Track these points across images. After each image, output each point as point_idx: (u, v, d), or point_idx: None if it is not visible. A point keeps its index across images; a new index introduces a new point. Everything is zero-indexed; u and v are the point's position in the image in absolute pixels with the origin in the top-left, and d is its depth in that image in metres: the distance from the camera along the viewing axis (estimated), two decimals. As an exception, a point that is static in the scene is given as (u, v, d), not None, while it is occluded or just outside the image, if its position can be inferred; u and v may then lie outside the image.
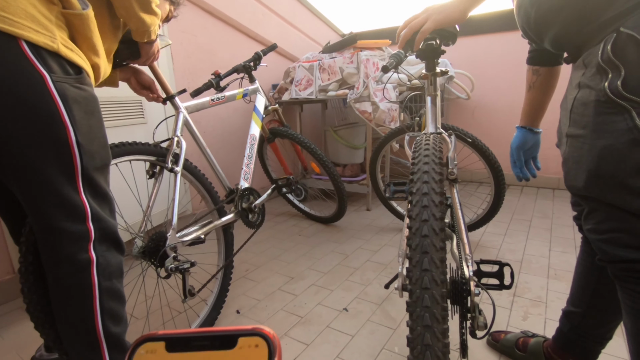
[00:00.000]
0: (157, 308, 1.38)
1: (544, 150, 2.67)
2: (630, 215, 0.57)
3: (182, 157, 1.20)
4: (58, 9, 0.68)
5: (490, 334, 1.11)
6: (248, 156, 1.58)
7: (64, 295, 0.72)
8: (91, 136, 0.72)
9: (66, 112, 0.67)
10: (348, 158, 2.65)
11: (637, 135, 0.54)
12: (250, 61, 1.72)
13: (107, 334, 0.76)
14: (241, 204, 1.46)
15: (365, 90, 2.08)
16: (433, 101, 0.93)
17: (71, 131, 0.68)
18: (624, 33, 0.55)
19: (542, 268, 1.53)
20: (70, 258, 0.71)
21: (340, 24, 3.39)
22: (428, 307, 0.47)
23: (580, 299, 0.88)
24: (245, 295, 1.46)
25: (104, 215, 0.76)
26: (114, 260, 0.78)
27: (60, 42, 0.68)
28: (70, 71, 0.70)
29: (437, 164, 0.60)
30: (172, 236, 1.11)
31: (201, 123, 2.23)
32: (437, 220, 0.52)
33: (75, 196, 0.71)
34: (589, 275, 0.86)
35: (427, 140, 0.68)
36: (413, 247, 0.51)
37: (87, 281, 0.73)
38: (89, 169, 0.72)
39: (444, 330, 0.46)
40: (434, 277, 0.48)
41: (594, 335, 0.86)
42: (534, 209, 2.26)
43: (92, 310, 0.73)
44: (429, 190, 0.55)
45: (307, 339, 1.18)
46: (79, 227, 0.71)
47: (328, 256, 1.77)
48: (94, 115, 0.74)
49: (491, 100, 2.78)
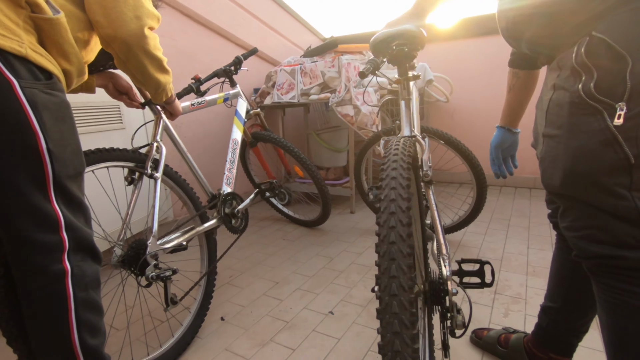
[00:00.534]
0: (138, 318, 1.35)
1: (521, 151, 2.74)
2: (603, 212, 0.60)
3: (162, 163, 1.18)
4: (26, 13, 0.66)
5: (473, 332, 1.13)
6: (230, 161, 1.56)
7: (37, 308, 0.69)
8: (63, 143, 0.70)
9: (36, 118, 0.65)
10: (331, 161, 2.66)
11: (609, 135, 0.56)
12: (231, 65, 1.71)
13: (84, 347, 0.73)
14: (224, 209, 1.44)
15: (347, 94, 2.10)
16: (407, 105, 0.96)
17: (41, 138, 0.65)
18: (596, 37, 0.57)
19: (521, 265, 1.57)
20: (43, 269, 0.68)
21: (321, 28, 3.42)
22: (396, 313, 0.47)
23: (556, 294, 0.91)
24: (230, 302, 1.44)
25: (79, 224, 0.73)
26: (90, 270, 0.75)
27: (29, 46, 0.65)
28: (40, 76, 0.67)
29: (405, 169, 0.61)
30: (152, 244, 1.09)
31: (182, 128, 2.20)
32: (405, 227, 0.52)
33: (47, 205, 0.68)
34: (564, 271, 0.89)
35: (396, 145, 0.69)
36: (381, 255, 0.52)
37: (61, 293, 0.70)
38: (61, 177, 0.69)
39: (413, 336, 0.47)
40: (401, 283, 0.49)
41: (571, 328, 0.89)
42: (512, 208, 2.32)
43: (68, 322, 0.71)
44: (396, 196, 0.56)
45: (293, 343, 1.17)
46: (52, 237, 0.69)
47: (313, 260, 1.77)
48: (65, 121, 0.71)
49: (470, 103, 2.85)
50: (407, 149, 0.68)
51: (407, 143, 0.70)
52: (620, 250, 0.59)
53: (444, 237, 0.86)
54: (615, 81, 0.55)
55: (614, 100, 0.55)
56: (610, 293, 0.62)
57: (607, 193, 0.58)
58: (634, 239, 0.58)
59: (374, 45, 0.89)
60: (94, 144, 1.59)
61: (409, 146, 0.69)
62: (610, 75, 0.56)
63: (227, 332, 1.25)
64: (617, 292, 0.61)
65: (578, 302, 0.87)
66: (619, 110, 0.55)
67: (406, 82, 0.95)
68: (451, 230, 1.89)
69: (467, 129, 2.87)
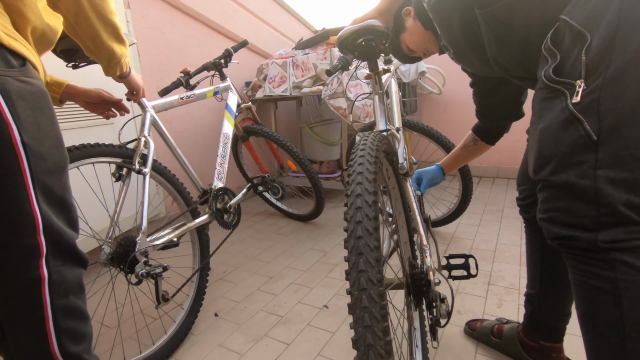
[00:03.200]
0: (130, 316, 1.33)
1: (515, 142, 2.77)
2: (566, 193, 0.58)
3: (151, 158, 1.16)
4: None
5: (466, 323, 1.13)
6: (221, 155, 1.54)
7: (13, 315, 0.65)
8: (40, 135, 0.64)
9: (8, 108, 0.58)
10: (324, 155, 2.64)
11: (569, 115, 0.55)
12: (221, 58, 1.68)
13: (65, 355, 0.69)
14: (215, 204, 1.42)
15: (339, 87, 2.08)
16: (380, 99, 0.96)
17: (14, 130, 0.59)
18: (562, 19, 0.57)
19: (515, 256, 1.58)
20: (18, 275, 0.63)
21: (312, 20, 3.38)
22: (366, 307, 0.47)
23: (534, 279, 0.93)
24: (224, 298, 1.43)
25: (59, 226, 0.67)
26: (71, 275, 0.70)
27: (1, 29, 0.59)
28: (14, 63, 0.61)
29: (371, 163, 0.61)
30: (142, 240, 1.07)
31: (172, 123, 2.16)
32: (371, 220, 0.53)
33: (25, 205, 0.62)
34: (535, 256, 0.92)
35: (364, 140, 0.68)
36: (349, 250, 0.52)
37: (37, 301, 0.65)
38: (38, 173, 0.63)
39: (384, 328, 0.47)
40: (369, 277, 0.49)
41: (553, 313, 0.91)
42: (505, 199, 2.33)
43: (45, 331, 0.66)
44: (362, 191, 0.56)
45: (287, 338, 1.17)
46: (27, 241, 0.63)
47: (307, 254, 1.76)
48: (43, 112, 0.65)
49: (462, 94, 2.84)
50: (375, 143, 0.67)
51: (376, 137, 0.70)
52: (574, 231, 0.58)
53: (424, 229, 0.88)
54: (575, 60, 0.55)
55: (574, 79, 0.55)
56: (573, 274, 0.62)
57: (571, 173, 0.57)
58: (588, 220, 0.56)
59: (340, 43, 0.91)
60: (81, 140, 1.56)
61: (378, 140, 0.69)
62: (571, 55, 0.56)
63: (221, 328, 1.24)
64: (577, 273, 0.60)
65: (553, 286, 0.89)
66: (577, 88, 0.54)
67: (377, 77, 0.96)
68: (442, 223, 1.90)
69: (460, 121, 2.86)
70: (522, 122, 1.05)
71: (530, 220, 0.92)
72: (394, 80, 1.33)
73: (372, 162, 0.61)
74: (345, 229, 0.55)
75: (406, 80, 2.42)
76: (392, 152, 0.86)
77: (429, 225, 1.08)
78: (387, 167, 0.88)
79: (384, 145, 0.75)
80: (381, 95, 0.96)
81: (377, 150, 0.65)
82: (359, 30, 0.86)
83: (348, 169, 0.62)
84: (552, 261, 0.88)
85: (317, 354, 1.08)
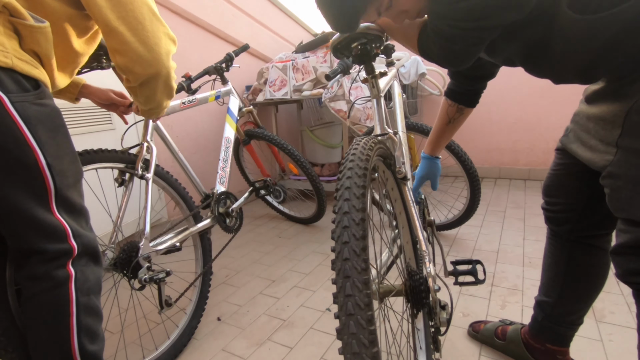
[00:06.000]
0: (133, 321, 1.33)
1: (516, 143, 2.77)
2: None
3: (153, 163, 1.16)
4: (5, 17, 0.62)
5: (470, 325, 1.13)
6: (223, 159, 1.54)
7: (39, 312, 0.69)
8: (60, 154, 0.69)
9: (31, 134, 0.63)
10: (325, 157, 2.64)
11: None
12: (222, 62, 1.68)
13: (82, 353, 0.72)
14: (218, 208, 1.43)
15: (339, 89, 2.08)
16: (378, 102, 0.95)
17: (39, 154, 0.65)
18: None
19: (518, 257, 1.58)
20: (48, 274, 0.68)
21: (312, 24, 3.39)
22: (354, 334, 0.46)
23: (550, 289, 0.91)
24: (226, 302, 1.43)
25: (83, 231, 0.74)
26: (92, 276, 0.75)
27: (14, 54, 0.63)
28: (28, 86, 0.65)
29: (360, 177, 0.58)
30: (144, 246, 1.07)
31: (173, 127, 2.17)
32: (359, 240, 0.50)
33: (50, 217, 0.68)
34: (558, 266, 0.88)
35: (354, 149, 0.64)
36: (337, 272, 0.50)
37: (64, 297, 0.70)
38: (62, 189, 0.69)
39: (373, 354, 0.45)
40: (357, 302, 0.47)
41: (566, 322, 0.89)
42: (508, 199, 2.33)
43: (68, 327, 0.70)
44: (350, 208, 0.53)
45: (290, 342, 1.16)
46: (62, 246, 0.69)
47: (309, 257, 1.76)
48: (59, 131, 0.70)
49: (463, 96, 2.84)
50: (365, 152, 0.64)
51: (367, 145, 0.66)
52: None
53: (428, 234, 0.85)
54: None
55: None
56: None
57: None
58: None
59: (333, 47, 0.89)
60: (84, 145, 1.57)
61: (368, 148, 0.66)
62: None
63: (223, 333, 1.24)
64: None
65: (573, 298, 0.87)
66: None
67: (374, 80, 0.95)
68: (449, 227, 1.87)
69: (461, 122, 2.86)
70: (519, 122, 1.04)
71: (559, 233, 0.87)
72: (396, 83, 1.32)
73: (362, 175, 0.58)
74: (332, 248, 0.53)
75: (406, 82, 2.42)
76: (389, 156, 0.84)
77: (433, 229, 1.07)
78: (386, 171, 0.86)
79: (379, 149, 0.73)
80: (379, 98, 0.95)
81: (366, 161, 0.62)
82: (352, 34, 0.84)
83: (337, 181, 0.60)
84: (578, 276, 0.85)
85: (320, 358, 1.08)
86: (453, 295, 1.33)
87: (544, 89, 2.49)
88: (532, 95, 2.54)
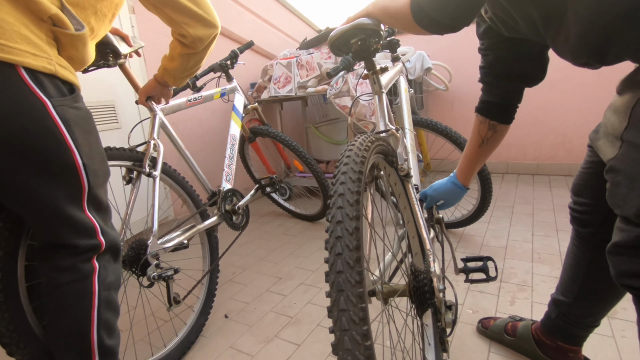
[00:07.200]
0: (142, 319, 1.34)
1: (523, 137, 2.74)
2: None
3: (160, 161, 1.16)
4: (47, 26, 0.66)
5: (479, 321, 1.12)
6: (229, 157, 1.54)
7: (62, 302, 0.71)
8: (92, 154, 0.73)
9: (70, 136, 0.67)
10: (331, 154, 2.64)
11: None
12: (227, 59, 1.68)
13: (100, 346, 0.74)
14: (224, 206, 1.43)
15: (344, 85, 2.07)
16: (380, 99, 0.93)
17: (77, 154, 0.68)
18: None
19: (526, 253, 1.56)
20: (74, 266, 0.71)
21: (315, 20, 3.37)
22: (349, 350, 0.45)
23: (569, 289, 0.88)
24: (233, 299, 1.43)
25: (108, 228, 0.77)
26: (113, 272, 0.78)
27: (57, 62, 0.66)
28: (65, 91, 0.69)
29: (354, 181, 0.55)
30: (153, 243, 1.08)
31: (179, 125, 2.17)
32: (352, 251, 0.48)
33: (82, 215, 0.71)
34: (578, 269, 0.86)
35: (348, 152, 0.61)
36: (330, 285, 0.48)
37: (88, 289, 0.73)
38: (94, 188, 0.73)
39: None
40: (351, 316, 0.45)
41: (581, 323, 0.88)
42: (516, 195, 2.30)
43: (90, 319, 0.73)
44: (343, 217, 0.51)
45: (298, 339, 1.16)
46: (92, 242, 0.73)
47: (315, 254, 1.76)
48: (92, 133, 0.74)
49: (470, 91, 2.81)
50: (361, 153, 0.61)
51: (362, 145, 0.64)
52: None
53: (427, 232, 0.84)
54: None
55: None
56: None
57: None
58: None
59: (331, 44, 0.85)
60: (91, 145, 1.57)
61: (364, 149, 0.63)
62: None
63: (231, 330, 1.25)
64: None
65: (591, 301, 0.85)
66: None
67: (375, 76, 0.93)
68: (460, 225, 1.83)
69: (468, 117, 2.83)
70: (526, 116, 1.01)
71: (583, 234, 0.84)
72: (403, 78, 1.29)
73: (356, 180, 0.55)
74: (326, 260, 0.50)
75: (412, 76, 2.40)
76: (391, 154, 0.82)
77: (442, 226, 1.04)
78: (389, 169, 0.85)
79: (378, 147, 0.71)
80: (381, 94, 0.93)
81: (361, 163, 0.59)
82: (349, 30, 0.81)
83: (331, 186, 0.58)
84: (599, 280, 0.83)
85: (328, 355, 1.08)
86: (462, 292, 1.32)
87: (552, 81, 2.45)
88: (540, 87, 2.49)
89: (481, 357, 1.02)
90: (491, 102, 0.89)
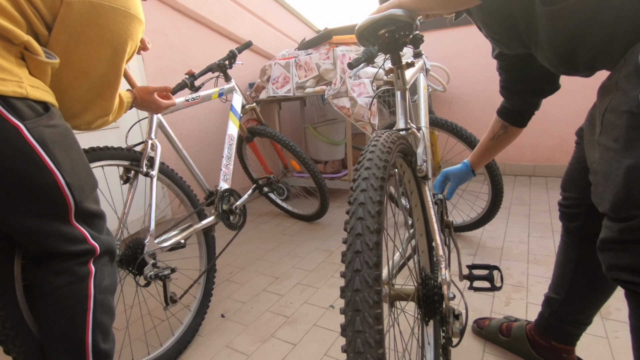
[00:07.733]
0: (138, 318, 1.34)
1: (521, 139, 2.73)
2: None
3: (158, 161, 1.17)
4: (18, 49, 0.65)
5: (474, 322, 1.13)
6: (227, 157, 1.55)
7: (58, 305, 0.71)
8: (76, 170, 0.72)
9: (49, 157, 0.66)
10: (329, 154, 2.64)
11: None
12: (225, 59, 1.68)
13: (95, 350, 0.74)
14: (221, 205, 1.43)
15: (342, 86, 2.07)
16: (402, 95, 0.89)
17: (58, 175, 0.67)
18: None
19: (522, 253, 1.57)
20: (71, 269, 0.71)
21: (314, 20, 3.38)
22: (360, 331, 0.44)
23: (560, 285, 0.90)
24: (230, 299, 1.44)
25: (99, 234, 0.77)
26: (109, 275, 0.78)
27: (28, 84, 0.65)
28: (40, 110, 0.67)
29: (379, 168, 0.54)
30: (150, 243, 1.08)
31: (177, 125, 2.17)
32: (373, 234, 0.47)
33: (71, 228, 0.72)
34: (568, 265, 0.87)
35: (375, 141, 0.59)
36: (346, 265, 0.47)
37: (84, 292, 0.73)
38: (81, 202, 0.72)
39: (378, 356, 0.43)
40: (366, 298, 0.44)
41: (573, 320, 0.89)
42: (512, 196, 2.32)
43: (85, 322, 0.73)
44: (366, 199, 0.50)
45: (294, 338, 1.17)
46: (84, 247, 0.73)
47: (312, 254, 1.76)
48: (73, 148, 0.73)
49: (467, 91, 2.82)
50: (387, 144, 0.59)
51: (389, 138, 0.61)
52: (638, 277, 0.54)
53: (440, 238, 0.81)
54: None
55: None
56: (636, 315, 0.59)
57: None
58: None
59: (359, 34, 0.82)
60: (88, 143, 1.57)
61: (390, 142, 0.61)
62: None
63: (227, 329, 1.25)
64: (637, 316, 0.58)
65: (581, 297, 0.86)
66: None
67: (400, 71, 0.89)
68: (468, 228, 1.79)
69: (465, 117, 2.85)
70: None
71: (570, 229, 0.86)
72: (422, 75, 1.25)
73: (380, 177, 0.54)
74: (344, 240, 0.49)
75: (410, 78, 2.41)
76: (410, 153, 0.79)
77: (451, 231, 1.03)
78: (405, 169, 0.82)
79: (399, 145, 0.68)
80: (404, 91, 0.89)
81: (387, 153, 0.58)
82: (380, 20, 0.76)
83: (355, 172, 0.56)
84: (588, 274, 0.84)
85: (324, 354, 1.08)
86: (457, 292, 1.33)
87: (549, 85, 2.47)
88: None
89: (476, 357, 1.03)
90: (508, 107, 0.99)
